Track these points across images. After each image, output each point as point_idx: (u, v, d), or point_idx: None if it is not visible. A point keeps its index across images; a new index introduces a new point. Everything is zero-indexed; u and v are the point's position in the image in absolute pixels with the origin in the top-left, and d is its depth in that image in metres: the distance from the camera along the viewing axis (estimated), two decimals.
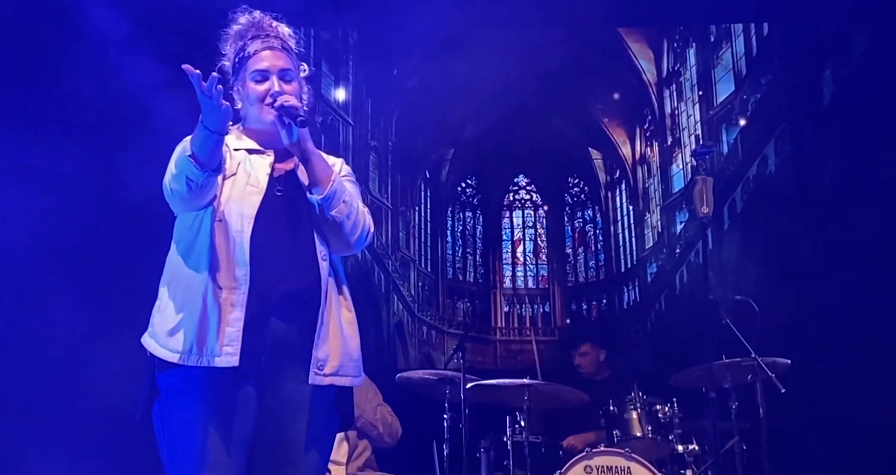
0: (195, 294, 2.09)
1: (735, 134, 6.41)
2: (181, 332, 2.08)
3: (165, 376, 2.11)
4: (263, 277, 2.11)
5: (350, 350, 2.21)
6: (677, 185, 6.68)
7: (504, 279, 7.14)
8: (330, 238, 2.21)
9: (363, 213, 2.24)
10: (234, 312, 2.07)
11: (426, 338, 6.50)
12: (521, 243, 7.38)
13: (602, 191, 7.13)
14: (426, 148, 6.91)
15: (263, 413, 2.12)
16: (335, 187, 2.16)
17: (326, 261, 2.18)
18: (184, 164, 2.05)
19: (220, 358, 2.05)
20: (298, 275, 2.15)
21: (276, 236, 2.16)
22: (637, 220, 6.83)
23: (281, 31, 2.30)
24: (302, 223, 2.20)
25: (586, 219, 7.24)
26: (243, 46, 2.25)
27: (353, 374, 2.21)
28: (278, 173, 2.24)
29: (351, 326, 2.24)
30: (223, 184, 2.18)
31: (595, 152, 7.18)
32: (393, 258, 6.56)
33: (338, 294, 2.22)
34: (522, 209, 7.52)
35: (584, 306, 6.87)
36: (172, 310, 2.12)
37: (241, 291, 2.08)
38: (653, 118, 6.91)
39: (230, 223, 2.13)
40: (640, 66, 6.89)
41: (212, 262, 2.10)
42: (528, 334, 6.85)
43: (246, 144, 2.27)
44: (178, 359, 2.07)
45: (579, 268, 7.07)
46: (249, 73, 2.23)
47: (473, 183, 7.37)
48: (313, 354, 2.12)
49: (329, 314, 2.17)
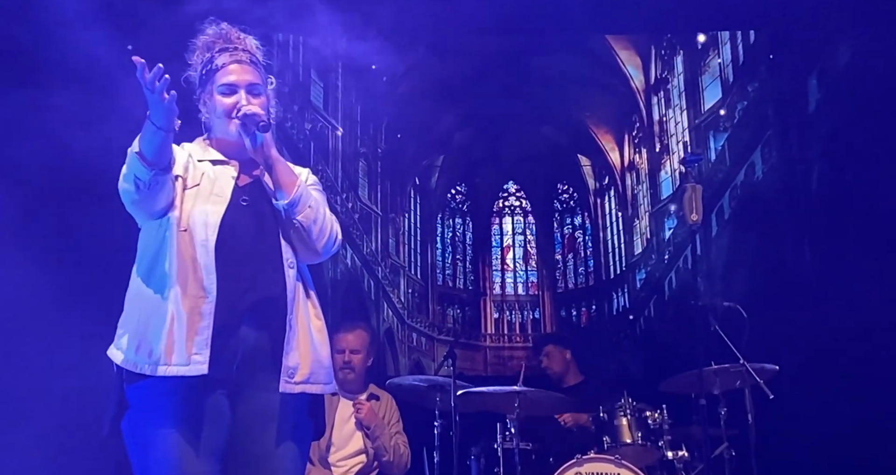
0: (162, 304, 2.09)
1: (722, 140, 6.44)
2: (149, 343, 2.07)
3: (135, 389, 2.10)
4: (231, 286, 2.11)
5: (321, 357, 2.21)
6: (666, 192, 6.71)
7: (494, 285, 7.15)
8: (297, 245, 2.21)
9: (330, 219, 2.25)
10: (202, 321, 2.07)
11: (416, 345, 6.50)
12: (510, 250, 7.39)
13: (591, 197, 7.15)
14: (416, 155, 6.92)
15: (236, 422, 2.12)
16: (300, 192, 2.18)
17: (294, 269, 2.19)
18: (132, 163, 2.04)
19: (189, 366, 2.04)
20: (266, 283, 2.15)
21: (242, 244, 2.16)
22: (626, 226, 6.85)
23: (248, 44, 2.30)
24: (268, 231, 2.20)
25: (575, 225, 7.25)
26: (211, 59, 2.26)
27: (324, 382, 2.22)
28: (243, 182, 2.25)
29: (321, 334, 2.24)
30: (185, 194, 2.18)
31: (584, 159, 7.20)
32: (383, 265, 6.56)
33: (306, 301, 2.23)
34: (512, 215, 7.53)
35: (574, 312, 6.89)
36: (139, 322, 2.11)
37: (208, 300, 2.08)
38: (641, 125, 6.94)
39: (195, 232, 2.13)
40: (628, 73, 6.92)
41: (178, 272, 2.10)
42: (518, 340, 6.86)
43: (211, 155, 2.28)
44: (146, 369, 2.06)
45: (569, 274, 7.08)
46: (217, 87, 2.24)
47: (463, 189, 7.38)
48: (283, 362, 2.13)
49: (298, 321, 2.17)
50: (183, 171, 2.21)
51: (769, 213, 5.91)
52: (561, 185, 7.40)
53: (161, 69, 1.97)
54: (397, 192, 6.83)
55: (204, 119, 2.32)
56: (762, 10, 5.71)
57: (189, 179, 2.20)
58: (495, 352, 6.84)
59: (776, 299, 5.20)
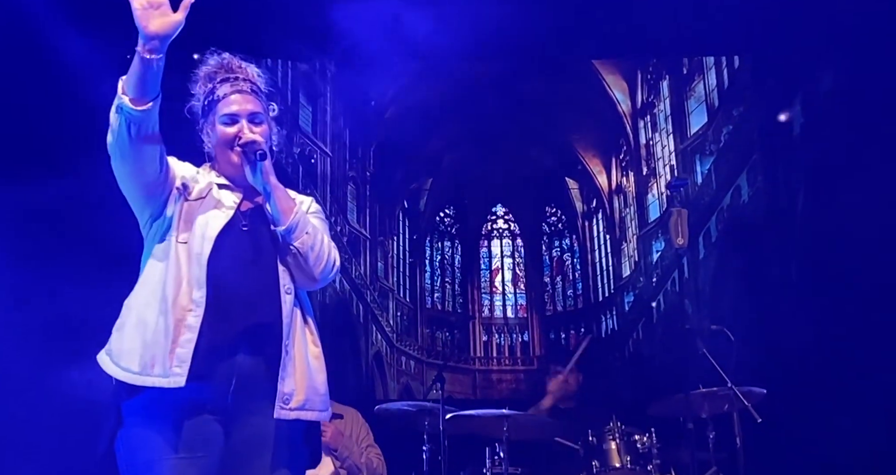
0: (152, 313, 2.10)
1: (709, 164, 6.49)
2: (135, 352, 2.08)
3: (130, 407, 2.10)
4: (222, 304, 2.12)
5: (316, 384, 2.21)
6: (653, 215, 6.74)
7: (483, 308, 7.15)
8: (294, 271, 2.22)
9: (328, 245, 2.26)
10: (186, 334, 2.07)
11: (405, 369, 6.48)
12: (499, 272, 7.40)
13: (579, 220, 7.18)
14: (404, 178, 6.94)
15: (230, 449, 2.12)
16: (297, 218, 2.19)
17: (291, 295, 2.20)
18: (119, 108, 2.02)
19: (168, 379, 2.04)
20: (261, 308, 2.16)
21: (237, 266, 2.17)
22: (614, 248, 6.88)
23: (250, 73, 2.32)
24: (265, 256, 2.21)
25: (564, 248, 7.27)
26: (212, 89, 2.28)
27: (319, 409, 2.21)
28: (245, 208, 2.27)
29: (317, 360, 2.24)
30: (187, 204, 2.20)
31: (572, 182, 7.24)
32: (372, 288, 6.56)
33: (304, 327, 2.23)
34: (500, 238, 7.55)
35: (563, 335, 6.89)
36: (129, 329, 2.12)
37: (195, 314, 2.08)
38: (628, 148, 6.99)
39: (192, 244, 2.15)
40: (614, 97, 6.98)
41: (171, 283, 2.11)
42: (507, 364, 6.85)
43: (217, 180, 2.30)
44: (128, 378, 2.07)
45: (557, 297, 7.09)
46: (219, 117, 2.26)
47: (451, 212, 7.40)
48: (278, 388, 2.12)
49: (294, 347, 2.17)
50: (190, 182, 2.24)
51: (756, 237, 5.95)
52: (549, 208, 7.43)
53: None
54: (386, 216, 6.84)
55: (207, 149, 2.34)
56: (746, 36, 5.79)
57: (194, 192, 2.23)
58: (484, 376, 6.83)
59: (763, 322, 5.23)
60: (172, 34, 2.00)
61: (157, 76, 2.03)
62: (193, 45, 2.40)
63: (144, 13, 1.97)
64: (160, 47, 2.00)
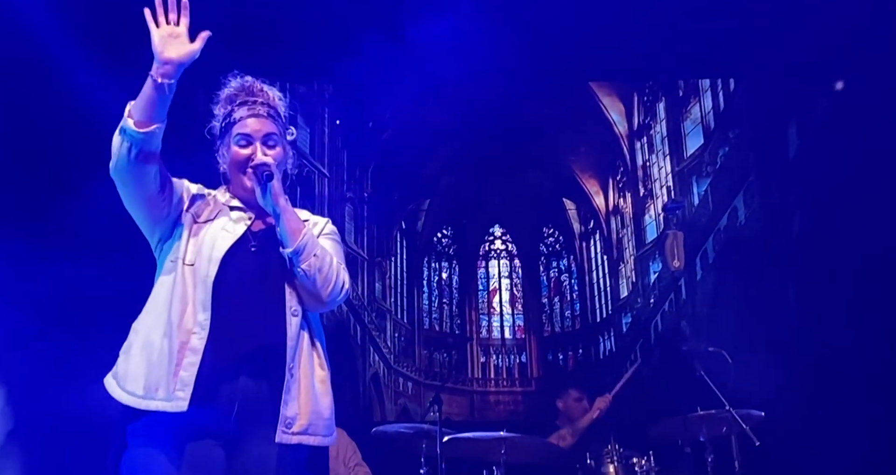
0: (157, 336, 2.10)
1: (705, 186, 6.51)
2: (140, 375, 2.08)
3: (134, 430, 2.09)
4: (226, 326, 2.11)
5: (321, 408, 2.19)
6: (650, 236, 6.75)
7: (480, 329, 7.15)
8: (302, 293, 2.21)
9: (336, 268, 2.24)
10: (190, 357, 2.07)
11: (403, 390, 6.46)
12: (496, 293, 7.40)
13: (576, 241, 7.20)
14: (402, 199, 6.95)
15: (233, 473, 2.10)
16: (305, 241, 2.18)
17: (297, 317, 2.19)
18: (122, 130, 2.05)
19: (172, 403, 2.04)
20: (266, 330, 2.15)
21: (243, 287, 2.17)
22: (611, 269, 6.88)
23: (270, 96, 2.34)
24: (273, 278, 2.20)
25: (561, 268, 7.28)
26: (231, 111, 2.30)
27: (322, 434, 2.19)
28: (256, 228, 2.27)
29: (323, 384, 2.22)
30: (196, 227, 2.21)
31: (569, 203, 7.26)
32: (369, 309, 6.55)
33: (311, 350, 2.22)
34: (498, 259, 7.56)
35: (561, 356, 6.88)
36: (135, 352, 2.12)
37: (199, 336, 2.08)
38: (625, 170, 7.02)
39: (199, 267, 2.15)
40: (611, 119, 7.02)
41: (177, 305, 2.11)
42: (505, 385, 6.83)
43: (229, 201, 2.32)
44: (133, 402, 2.06)
45: (555, 317, 7.09)
46: (234, 138, 2.28)
47: (449, 233, 7.41)
48: (281, 412, 2.11)
49: (299, 370, 2.16)
50: (201, 205, 2.25)
51: (752, 258, 5.95)
52: (546, 229, 7.45)
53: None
54: (383, 236, 6.85)
55: (222, 170, 2.35)
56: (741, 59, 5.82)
57: (204, 214, 2.24)
58: (482, 397, 6.81)
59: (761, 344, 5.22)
60: (187, 62, 2.07)
61: (166, 102, 2.07)
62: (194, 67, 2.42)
63: (163, 40, 2.05)
64: (173, 73, 2.06)
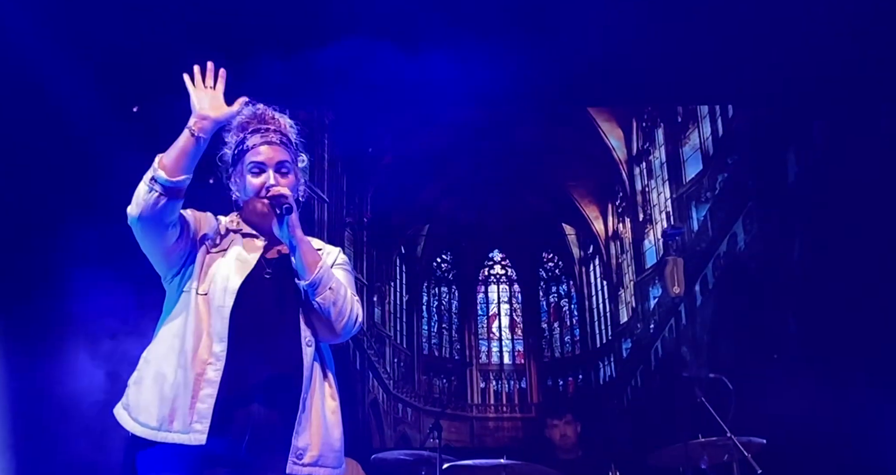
0: (171, 367, 2.08)
1: (704, 211, 6.52)
2: (153, 406, 2.06)
3: (145, 460, 2.07)
4: (242, 356, 2.09)
5: (332, 440, 2.18)
6: (650, 261, 6.75)
7: (480, 354, 7.12)
8: (316, 324, 2.20)
9: (350, 301, 2.23)
10: (206, 389, 2.05)
11: (402, 416, 6.42)
12: (496, 318, 7.38)
13: (576, 266, 7.19)
14: (401, 224, 6.96)
15: None
16: (321, 274, 2.17)
17: (311, 347, 2.17)
18: (153, 179, 2.06)
19: (189, 435, 2.02)
20: (280, 360, 2.14)
21: (259, 317, 2.16)
22: (611, 294, 6.87)
23: (282, 124, 2.34)
24: (288, 307, 2.19)
25: (561, 293, 7.27)
26: (243, 139, 2.30)
27: (332, 465, 2.17)
28: (270, 256, 2.26)
29: (334, 415, 2.21)
30: (209, 257, 2.19)
31: (568, 228, 7.27)
32: (368, 334, 6.52)
33: (323, 381, 2.20)
34: (497, 284, 7.55)
35: (561, 382, 6.85)
36: (147, 383, 2.10)
37: (215, 368, 2.06)
38: (624, 195, 7.03)
39: (213, 297, 2.13)
40: (610, 144, 7.04)
41: (191, 336, 2.09)
42: (505, 411, 6.80)
43: (243, 229, 2.31)
44: (147, 433, 2.04)
45: (555, 343, 7.07)
46: (247, 166, 2.27)
47: (448, 258, 7.41)
48: (293, 442, 2.09)
49: (312, 401, 2.15)
50: (213, 235, 2.23)
51: (752, 283, 5.95)
52: (546, 254, 7.44)
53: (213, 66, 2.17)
54: (383, 261, 6.84)
55: (234, 197, 2.34)
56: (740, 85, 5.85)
57: (217, 244, 2.23)
58: (482, 423, 6.77)
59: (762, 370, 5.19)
60: (222, 121, 2.15)
61: (198, 155, 2.11)
62: None
63: (201, 96, 2.13)
64: (209, 129, 2.11)
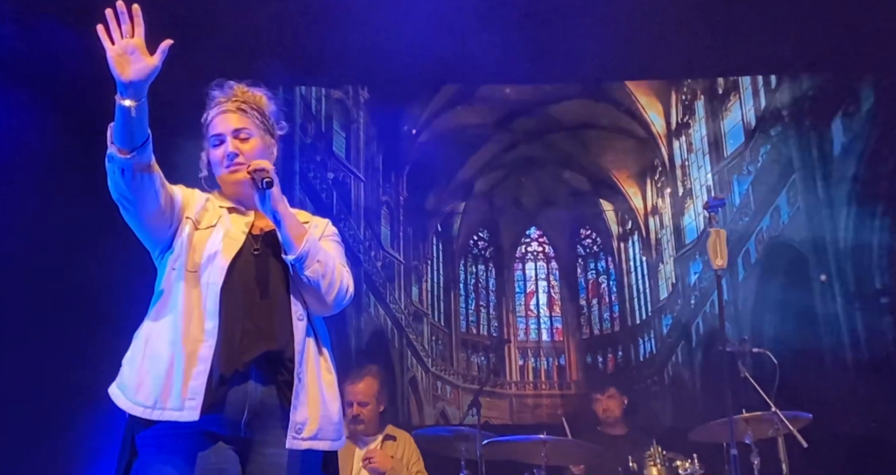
0: (163, 345, 2.08)
1: (746, 184, 6.42)
2: (147, 384, 2.06)
3: (144, 439, 2.08)
4: (233, 333, 2.09)
5: (330, 413, 2.17)
6: (690, 236, 6.67)
7: (518, 332, 7.09)
8: (307, 298, 2.19)
9: (340, 273, 2.22)
10: (198, 365, 2.04)
11: (441, 394, 6.44)
12: (534, 295, 7.34)
13: (615, 242, 7.11)
14: (437, 202, 6.94)
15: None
16: (308, 247, 2.15)
17: (304, 322, 2.17)
18: (110, 157, 2.01)
19: (182, 412, 2.01)
20: (273, 335, 2.13)
21: (250, 293, 2.15)
22: (651, 270, 6.80)
23: (248, 96, 2.33)
24: (278, 282, 2.19)
25: (599, 270, 7.21)
26: (206, 116, 2.33)
27: (332, 438, 2.18)
28: (257, 232, 2.25)
29: (331, 388, 2.21)
30: (198, 234, 2.18)
31: (606, 204, 7.18)
32: (406, 313, 6.54)
33: (318, 355, 2.20)
34: (535, 261, 7.50)
35: (600, 359, 6.81)
36: (140, 362, 2.10)
37: (207, 344, 2.06)
38: (663, 169, 6.93)
39: (203, 274, 2.13)
40: (648, 119, 6.94)
41: (182, 313, 2.09)
42: (544, 388, 6.78)
43: (227, 204, 2.30)
44: (142, 412, 2.04)
45: (594, 320, 7.01)
46: (208, 140, 2.31)
47: (485, 236, 7.37)
48: (291, 417, 2.09)
49: (308, 375, 2.14)
50: (198, 212, 2.22)
51: (796, 257, 5.86)
52: (584, 231, 7.37)
53: (123, 11, 1.93)
54: (420, 240, 6.83)
55: (214, 174, 2.34)
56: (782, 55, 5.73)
57: (203, 221, 2.22)
58: (520, 400, 6.76)
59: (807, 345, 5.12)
60: (149, 79, 1.96)
61: (143, 121, 1.99)
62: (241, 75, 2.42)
63: (119, 59, 1.93)
64: (137, 93, 1.95)
